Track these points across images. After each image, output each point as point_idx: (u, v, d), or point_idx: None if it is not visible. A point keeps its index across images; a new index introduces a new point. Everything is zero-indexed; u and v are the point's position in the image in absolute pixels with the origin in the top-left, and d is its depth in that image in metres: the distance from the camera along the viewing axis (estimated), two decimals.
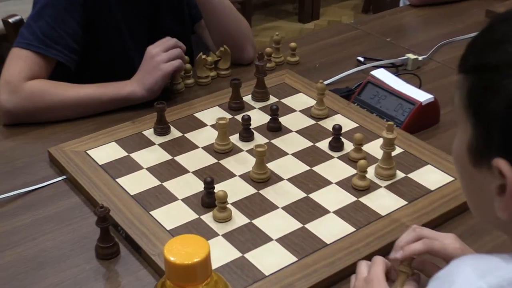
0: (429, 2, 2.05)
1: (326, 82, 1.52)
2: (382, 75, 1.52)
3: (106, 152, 1.32)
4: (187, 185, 1.23)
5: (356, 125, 1.41)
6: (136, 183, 1.23)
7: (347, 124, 1.40)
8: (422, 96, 1.43)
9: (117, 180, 1.24)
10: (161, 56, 1.43)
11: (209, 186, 1.16)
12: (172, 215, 1.15)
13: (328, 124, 1.41)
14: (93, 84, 1.46)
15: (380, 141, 1.28)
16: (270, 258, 1.06)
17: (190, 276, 0.69)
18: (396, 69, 1.66)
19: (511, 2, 2.04)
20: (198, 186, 1.21)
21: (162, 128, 1.38)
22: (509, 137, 0.65)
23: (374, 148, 1.32)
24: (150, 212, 1.15)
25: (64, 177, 1.28)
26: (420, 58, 1.71)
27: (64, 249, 1.10)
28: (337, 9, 4.34)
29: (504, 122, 0.65)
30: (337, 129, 1.32)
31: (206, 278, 0.71)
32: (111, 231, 1.09)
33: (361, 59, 1.72)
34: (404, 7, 2.11)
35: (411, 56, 1.69)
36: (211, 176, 1.17)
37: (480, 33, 0.72)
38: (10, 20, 1.74)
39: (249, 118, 1.35)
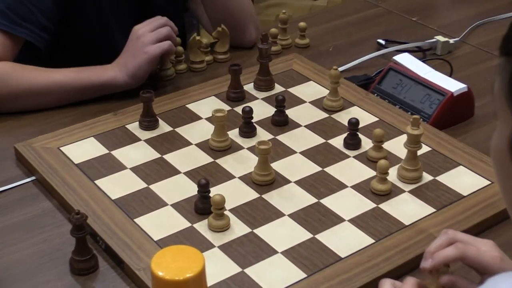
0: None
1: (341, 69, 1.51)
2: (406, 60, 1.52)
3: (83, 149, 1.32)
4: (178, 188, 1.22)
5: (376, 119, 1.41)
6: (118, 185, 1.23)
7: (365, 118, 1.40)
8: (453, 86, 1.42)
9: (96, 181, 1.23)
10: (148, 36, 1.42)
11: (203, 190, 1.16)
12: (160, 223, 1.15)
13: (343, 117, 1.40)
14: (68, 68, 1.46)
15: (403, 138, 1.27)
16: (275, 274, 1.05)
17: None
18: (423, 54, 1.66)
19: None
20: (191, 189, 1.21)
21: (149, 121, 1.37)
22: None
23: (397, 146, 1.31)
24: (135, 220, 1.15)
25: (34, 178, 1.27)
26: (451, 41, 1.71)
27: (32, 263, 1.09)
28: None
29: None
30: (354, 123, 1.32)
31: None
32: (89, 242, 1.08)
33: (382, 41, 1.71)
34: None
35: (440, 38, 1.69)
36: (206, 178, 1.17)
37: None
38: None
39: (250, 110, 1.35)
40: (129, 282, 1.06)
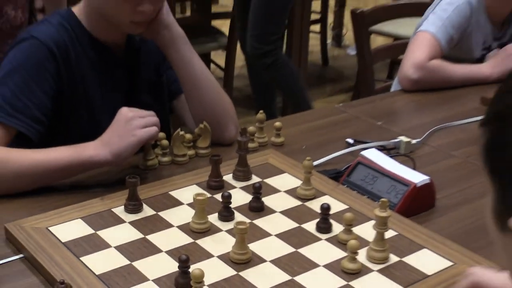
0: (422, 88, 2.09)
1: (313, 164, 1.51)
2: (373, 155, 1.53)
3: (71, 229, 1.29)
4: (160, 265, 1.20)
5: (346, 206, 1.40)
6: (102, 262, 1.20)
7: (336, 206, 1.39)
8: (416, 178, 1.43)
9: (81, 258, 1.20)
10: (138, 120, 1.41)
11: (184, 265, 1.13)
12: None
13: (315, 205, 1.39)
14: (50, 148, 1.43)
15: (371, 223, 1.27)
16: None
17: None
18: (388, 152, 1.67)
19: None
20: (171, 266, 1.18)
21: (134, 205, 1.35)
22: None
23: (365, 230, 1.31)
24: None
25: (22, 255, 1.23)
26: (413, 141, 1.72)
27: None
28: (324, 104, 4.43)
29: None
30: (326, 208, 1.31)
31: None
32: None
33: (351, 141, 1.73)
34: (396, 92, 2.16)
35: (404, 139, 1.71)
36: (186, 254, 1.15)
37: (507, 76, 0.72)
38: None
39: (229, 195, 1.34)
40: None
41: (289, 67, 3.40)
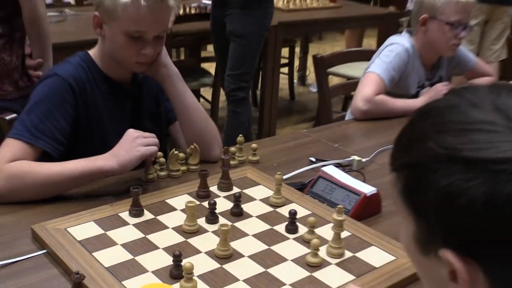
0: (370, 117, 2.10)
1: (283, 177, 1.50)
2: (331, 171, 1.53)
3: (85, 230, 1.27)
4: (157, 259, 1.18)
5: (309, 212, 1.39)
6: (110, 256, 1.18)
7: (301, 212, 1.37)
8: (366, 189, 1.43)
9: (93, 253, 1.18)
10: (141, 140, 1.40)
11: (177, 259, 1.12)
12: (142, 285, 1.08)
13: (284, 211, 1.38)
14: (67, 161, 1.41)
15: (330, 226, 1.26)
16: None
17: None
18: (343, 169, 1.66)
19: None
20: (167, 260, 1.17)
21: (136, 210, 1.34)
22: (448, 229, 0.60)
23: (325, 231, 1.30)
24: (122, 282, 1.09)
25: (45, 251, 1.21)
26: (363, 160, 1.72)
27: None
28: (290, 129, 4.43)
29: (439, 216, 0.60)
30: (293, 213, 1.30)
31: None
32: None
33: (313, 159, 1.72)
34: (349, 120, 2.16)
35: (356, 157, 1.71)
36: (179, 250, 1.13)
37: (402, 131, 0.68)
38: (7, 118, 1.71)
39: (215, 203, 1.33)
40: None
41: (250, 106, 3.43)
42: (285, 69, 4.80)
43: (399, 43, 2.26)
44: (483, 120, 0.60)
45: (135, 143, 1.39)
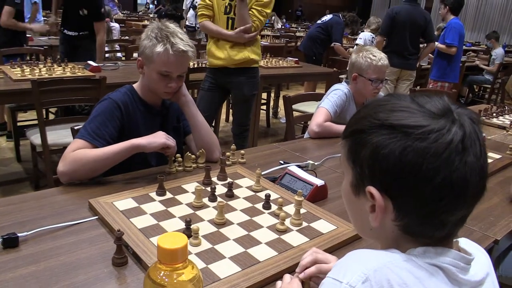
0: (321, 136, 2.09)
1: (261, 173, 1.48)
2: (294, 169, 1.50)
3: (125, 203, 1.23)
4: (174, 224, 1.14)
5: (279, 196, 1.37)
6: (142, 221, 1.14)
7: (273, 196, 1.35)
8: (318, 181, 1.41)
9: (130, 219, 1.15)
10: (166, 136, 1.39)
11: (188, 224, 1.09)
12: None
13: (262, 195, 1.36)
14: (113, 145, 1.38)
15: (292, 205, 1.24)
16: (224, 268, 0.97)
17: (173, 257, 0.61)
18: (302, 169, 1.64)
19: None
20: (181, 225, 1.14)
21: (161, 191, 1.30)
22: (374, 172, 0.62)
23: (289, 209, 1.28)
24: (150, 239, 1.06)
25: (96, 217, 1.17)
26: (316, 163, 1.70)
27: (92, 259, 0.99)
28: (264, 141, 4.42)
29: (369, 162, 0.62)
30: (268, 196, 1.28)
31: (184, 260, 0.63)
32: (123, 249, 0.99)
33: (282, 162, 1.70)
34: (306, 138, 2.14)
35: (310, 162, 1.69)
36: (190, 218, 1.10)
37: (352, 116, 0.70)
38: (75, 128, 1.67)
39: (215, 188, 1.30)
40: (144, 271, 0.96)
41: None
42: (264, 107, 4.80)
43: (340, 89, 2.27)
44: (404, 105, 0.63)
45: (160, 135, 1.38)
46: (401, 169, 0.59)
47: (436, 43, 4.37)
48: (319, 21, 5.28)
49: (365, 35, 5.38)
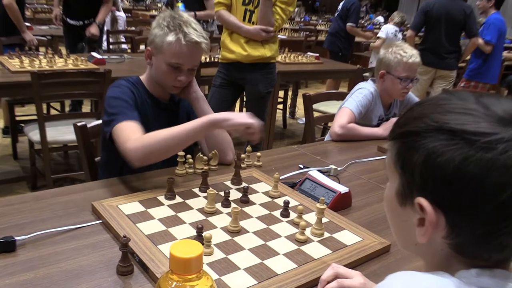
0: (343, 139, 2.08)
1: (279, 179, 1.47)
2: (315, 174, 1.49)
3: (131, 207, 1.23)
4: (184, 231, 1.14)
5: (298, 203, 1.36)
6: (149, 227, 1.14)
7: (292, 202, 1.35)
8: (341, 188, 1.39)
9: (137, 224, 1.15)
10: (249, 115, 1.34)
11: (199, 231, 1.08)
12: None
13: (280, 201, 1.35)
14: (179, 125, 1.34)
15: (313, 213, 1.23)
16: (238, 280, 0.96)
17: (187, 267, 0.61)
18: (324, 174, 1.62)
19: None
20: (192, 232, 1.13)
21: (170, 195, 1.30)
22: (426, 181, 0.59)
23: (310, 217, 1.27)
24: (158, 246, 1.06)
25: (100, 221, 1.18)
26: (339, 168, 1.69)
27: (94, 266, 0.99)
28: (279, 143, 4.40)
29: (422, 170, 0.59)
30: (286, 203, 1.27)
31: (198, 271, 0.62)
32: (129, 256, 0.98)
33: (301, 166, 1.69)
34: (328, 141, 2.13)
35: (333, 166, 1.67)
36: (201, 225, 1.09)
37: (403, 115, 0.67)
38: (79, 124, 1.68)
39: (229, 192, 1.29)
40: (151, 281, 0.96)
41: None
42: (280, 106, 4.79)
43: (366, 88, 2.25)
44: (467, 107, 0.59)
45: (243, 114, 1.32)
46: (460, 181, 0.56)
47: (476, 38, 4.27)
48: (337, 12, 5.28)
49: (387, 28, 5.35)
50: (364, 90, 2.23)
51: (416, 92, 3.89)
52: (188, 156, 1.54)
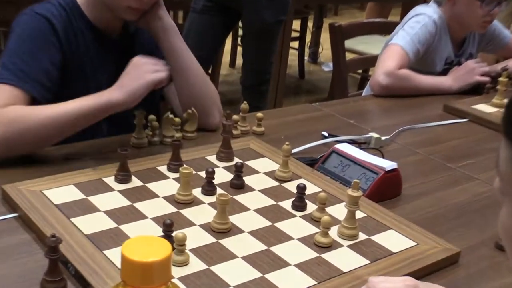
0: (391, 93, 2.08)
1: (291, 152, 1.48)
2: (347, 147, 1.50)
3: (63, 193, 1.24)
4: (145, 230, 1.15)
5: (320, 189, 1.36)
6: (91, 223, 1.15)
7: (310, 189, 1.34)
8: (385, 164, 1.40)
9: (72, 219, 1.15)
10: (149, 66, 1.40)
11: (168, 229, 1.08)
12: None
13: (291, 186, 1.36)
14: (70, 100, 1.38)
15: (342, 205, 1.24)
16: None
17: (147, 276, 0.61)
18: (359, 146, 1.63)
19: (468, 99, 2.08)
20: (156, 231, 1.14)
21: (123, 176, 1.30)
22: None
23: (337, 211, 1.27)
24: (104, 251, 1.07)
25: (16, 214, 1.18)
26: (383, 138, 1.69)
27: (8, 280, 1.00)
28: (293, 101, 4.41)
29: None
30: (302, 187, 1.27)
31: (165, 283, 0.62)
32: (59, 267, 0.99)
33: (326, 133, 1.69)
34: (367, 96, 2.14)
35: (374, 134, 1.68)
36: (170, 219, 1.10)
37: None
38: None
39: (213, 171, 1.30)
40: None
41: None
42: (295, 44, 4.77)
43: (426, 14, 2.24)
44: None
45: (141, 70, 1.39)
46: None
47: None
48: None
49: None
50: (424, 18, 2.23)
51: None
52: (151, 117, 1.53)
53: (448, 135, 1.82)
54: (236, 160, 1.46)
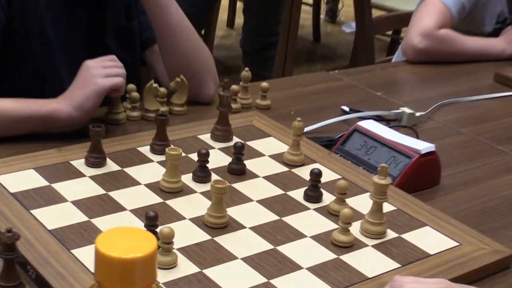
0: (428, 59, 2.07)
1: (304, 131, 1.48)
2: (372, 124, 1.50)
3: (21, 179, 1.25)
4: (123, 224, 1.15)
5: (339, 176, 1.37)
6: (56, 216, 1.16)
7: (327, 175, 1.36)
8: (421, 146, 1.41)
9: (32, 211, 1.16)
10: (99, 69, 1.40)
11: (151, 223, 1.08)
12: None
13: (303, 172, 1.37)
14: (8, 98, 1.40)
15: (367, 195, 1.24)
16: None
17: (128, 276, 0.61)
18: (387, 123, 1.64)
19: None
20: (136, 225, 1.15)
21: (96, 158, 1.31)
22: None
23: (360, 202, 1.28)
24: (71, 251, 1.07)
25: None
26: (417, 114, 1.70)
27: None
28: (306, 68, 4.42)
29: None
30: (316, 174, 1.28)
31: (148, 284, 0.63)
32: (17, 269, 0.99)
33: (346, 108, 1.70)
34: (398, 62, 2.14)
35: (407, 110, 1.68)
36: (154, 211, 1.10)
37: None
38: None
39: (207, 153, 1.30)
40: None
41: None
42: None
43: None
44: None
45: (89, 74, 1.39)
46: None
47: None
48: None
49: None
50: None
51: None
52: (130, 86, 1.54)
53: (499, 111, 1.82)
54: (236, 139, 1.47)
